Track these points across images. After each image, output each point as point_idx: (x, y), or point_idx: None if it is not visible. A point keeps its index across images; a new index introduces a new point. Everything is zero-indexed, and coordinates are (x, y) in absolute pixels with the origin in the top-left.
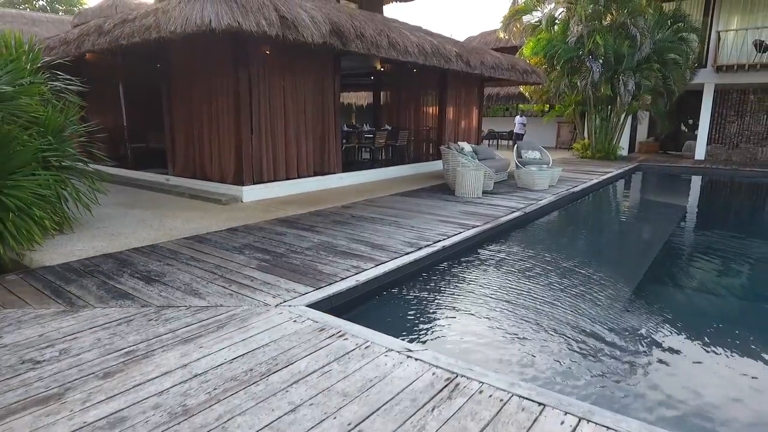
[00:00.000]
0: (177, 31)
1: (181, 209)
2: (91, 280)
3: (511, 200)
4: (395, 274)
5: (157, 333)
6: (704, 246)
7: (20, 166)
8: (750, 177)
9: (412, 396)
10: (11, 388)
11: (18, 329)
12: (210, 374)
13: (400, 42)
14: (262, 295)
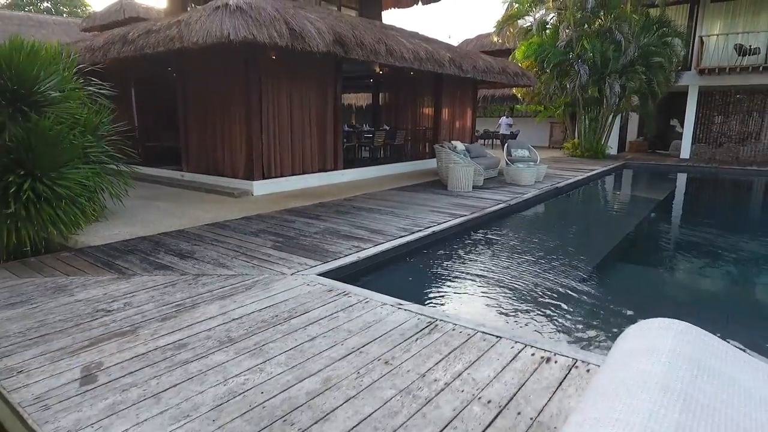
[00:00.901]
0: (199, 42)
1: (198, 201)
2: (134, 256)
3: (498, 194)
4: (391, 252)
5: (198, 292)
6: (662, 232)
7: (67, 161)
8: (728, 174)
9: (401, 332)
10: (94, 327)
11: (85, 290)
12: (245, 318)
13: (397, 49)
14: (279, 267)
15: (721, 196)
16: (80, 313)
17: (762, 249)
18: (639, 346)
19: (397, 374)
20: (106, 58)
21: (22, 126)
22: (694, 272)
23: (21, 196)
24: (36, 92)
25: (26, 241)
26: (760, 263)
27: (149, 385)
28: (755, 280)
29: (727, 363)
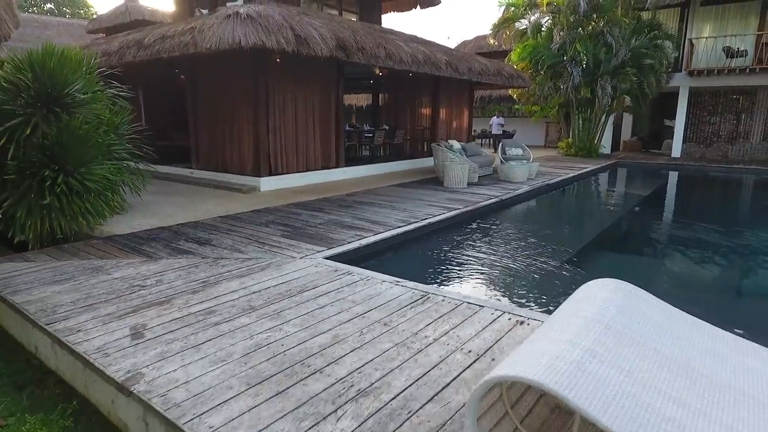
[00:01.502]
0: (212, 48)
1: (209, 196)
2: (157, 243)
3: (492, 190)
4: (390, 241)
5: (219, 272)
6: (641, 223)
7: (94, 158)
8: (713, 172)
9: (397, 302)
10: (133, 298)
11: (119, 269)
12: (263, 292)
13: (396, 53)
14: (289, 252)
15: (702, 191)
16: (119, 288)
17: (722, 238)
18: (582, 296)
19: (394, 332)
20: (122, 61)
21: (55, 125)
22: (659, 255)
23: (55, 189)
24: (66, 95)
25: (58, 230)
26: (716, 247)
27: (188, 340)
28: (706, 257)
29: (651, 308)
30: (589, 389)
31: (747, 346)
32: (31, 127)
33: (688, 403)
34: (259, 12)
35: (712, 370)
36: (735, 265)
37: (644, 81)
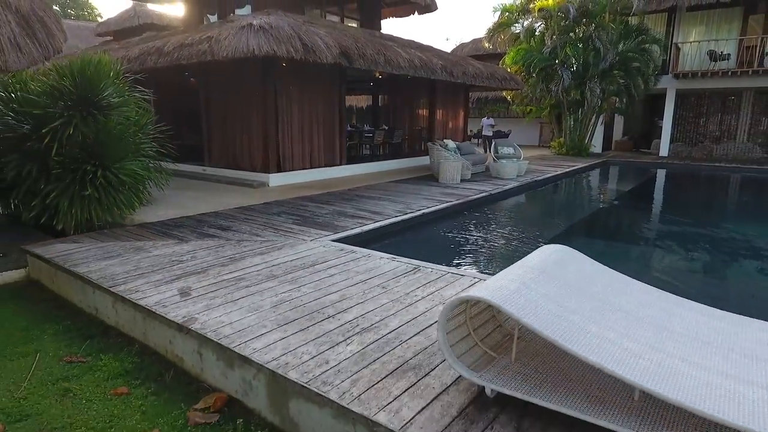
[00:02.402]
0: (228, 57)
1: (223, 191)
2: (184, 228)
3: (483, 185)
4: (388, 228)
5: (242, 251)
6: (617, 215)
7: (126, 155)
8: (696, 170)
9: (394, 272)
10: (174, 269)
11: (157, 249)
12: (281, 265)
13: (394, 59)
14: (300, 236)
15: (680, 187)
16: (161, 262)
17: (681, 224)
18: (534, 254)
19: (390, 293)
20: (143, 67)
21: (92, 126)
22: (626, 242)
23: (95, 182)
24: (101, 98)
25: (95, 219)
26: (674, 231)
27: (226, 297)
28: (662, 239)
29: (583, 263)
30: (518, 304)
31: (649, 289)
32: (72, 127)
33: (589, 316)
34: (270, 23)
35: (617, 301)
36: (681, 242)
37: (631, 83)
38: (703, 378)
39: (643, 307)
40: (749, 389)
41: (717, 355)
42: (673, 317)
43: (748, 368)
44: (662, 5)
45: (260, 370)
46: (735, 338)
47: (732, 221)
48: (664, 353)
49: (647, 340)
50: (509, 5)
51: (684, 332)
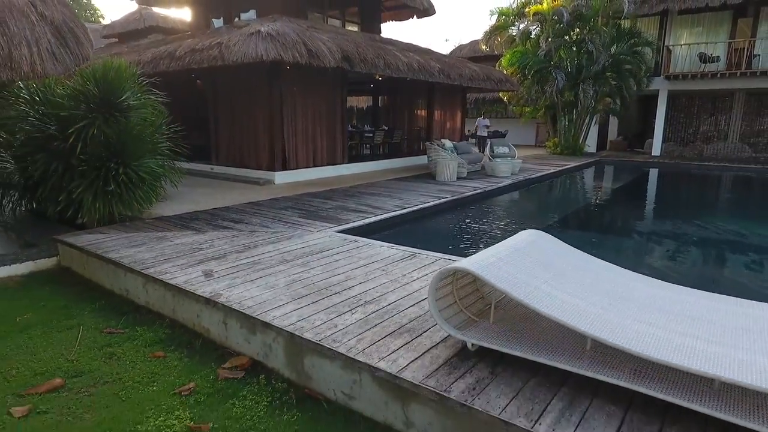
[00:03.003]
0: (237, 62)
1: (231, 188)
2: (200, 221)
3: (477, 183)
4: (388, 221)
5: (255, 240)
6: (603, 209)
7: (145, 153)
8: (685, 169)
9: (392, 258)
10: (196, 255)
11: (178, 238)
12: (291, 251)
13: (393, 62)
14: (307, 228)
15: (666, 185)
16: (183, 249)
17: (659, 217)
18: (512, 237)
19: (389, 274)
20: (155, 71)
21: (114, 127)
22: (603, 231)
23: (117, 179)
24: (122, 101)
25: (116, 213)
26: (651, 222)
27: (245, 277)
28: (639, 229)
29: (556, 245)
30: (494, 274)
31: (608, 266)
32: (96, 128)
33: (552, 284)
34: (277, 30)
35: (578, 274)
36: (648, 230)
37: (623, 85)
38: (640, 329)
39: (600, 279)
40: (674, 337)
41: (653, 313)
42: (622, 286)
43: (678, 324)
44: (654, 9)
45: (279, 333)
46: (671, 302)
47: (702, 213)
48: (611, 313)
49: (599, 303)
50: (505, 9)
51: (629, 297)
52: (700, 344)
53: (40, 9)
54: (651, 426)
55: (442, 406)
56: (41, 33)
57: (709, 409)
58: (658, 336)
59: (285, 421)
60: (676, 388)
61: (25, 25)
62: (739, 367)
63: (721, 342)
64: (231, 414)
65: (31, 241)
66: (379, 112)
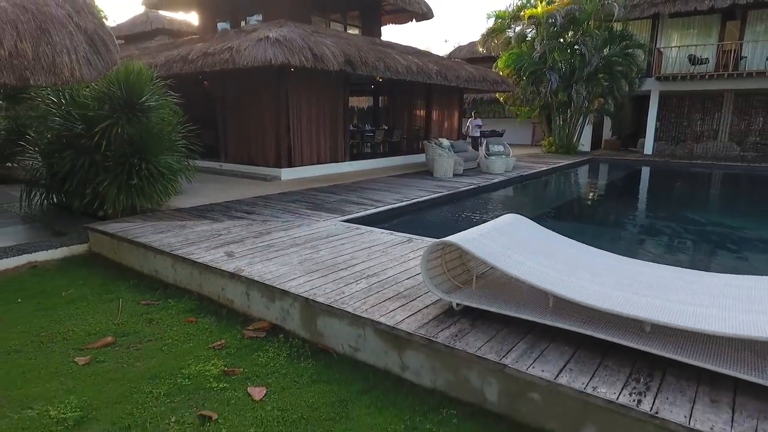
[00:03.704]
0: (247, 65)
1: (240, 184)
2: (215, 212)
3: (472, 179)
4: (387, 212)
5: (268, 228)
6: (589, 202)
7: (164, 151)
8: (673, 167)
9: (392, 242)
10: (217, 240)
11: (198, 226)
12: (301, 236)
13: (393, 65)
14: (314, 217)
15: (652, 182)
16: (204, 235)
17: (634, 210)
18: (494, 220)
19: (388, 255)
20: (169, 73)
21: (136, 126)
22: (582, 220)
23: (140, 173)
24: (142, 102)
25: (137, 205)
26: (627, 215)
27: (263, 257)
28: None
29: (532, 227)
30: (475, 246)
31: (575, 243)
32: (119, 127)
33: (524, 255)
34: (285, 36)
35: (549, 249)
36: (620, 219)
37: (615, 86)
38: (590, 287)
39: (564, 252)
40: (615, 292)
41: (602, 276)
42: (581, 258)
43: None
44: (645, 13)
45: (296, 299)
46: (617, 268)
47: (672, 204)
48: (568, 276)
49: (559, 269)
50: (502, 12)
51: (585, 265)
52: (635, 297)
53: (76, 19)
54: (594, 359)
55: (431, 349)
56: (78, 41)
57: (639, 345)
58: (602, 292)
59: (302, 367)
60: (615, 331)
61: (65, 35)
62: (661, 312)
63: (652, 295)
64: (257, 362)
65: (61, 230)
66: (380, 112)
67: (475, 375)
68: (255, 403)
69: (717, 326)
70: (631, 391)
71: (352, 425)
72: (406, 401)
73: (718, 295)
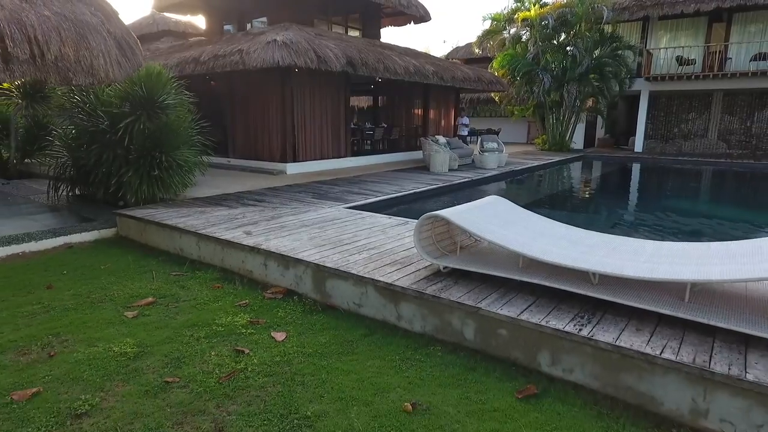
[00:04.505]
0: (257, 67)
1: (248, 177)
2: (229, 200)
3: (466, 173)
4: (386, 201)
5: (279, 213)
6: (573, 193)
7: (181, 145)
8: (659, 163)
9: (390, 224)
10: (235, 222)
11: (216, 212)
12: (309, 219)
13: (392, 66)
14: (319, 205)
15: (637, 176)
16: (223, 218)
17: (609, 200)
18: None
19: (386, 234)
20: (181, 74)
21: (155, 122)
22: (561, 207)
23: (161, 165)
24: (161, 100)
25: (157, 195)
26: (602, 204)
27: (278, 234)
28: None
29: (508, 205)
30: (459, 218)
31: (545, 219)
32: (141, 123)
33: (500, 225)
34: (291, 39)
35: (522, 222)
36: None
37: (605, 86)
38: (551, 249)
39: (534, 225)
40: (571, 253)
41: (562, 242)
42: (547, 229)
43: (576, 247)
44: (634, 15)
45: (308, 266)
46: (575, 237)
47: (643, 194)
48: (535, 241)
49: (529, 236)
50: (497, 14)
51: (549, 234)
52: (585, 256)
53: (107, 26)
54: (550, 304)
55: (421, 300)
56: (110, 46)
57: (587, 292)
58: (561, 253)
59: (314, 319)
60: (569, 283)
61: (100, 40)
62: (604, 266)
63: (599, 255)
64: (277, 315)
65: (89, 217)
66: (379, 111)
67: (456, 318)
68: (278, 342)
69: (645, 274)
70: (575, 324)
71: (358, 357)
72: (401, 342)
73: (653, 254)
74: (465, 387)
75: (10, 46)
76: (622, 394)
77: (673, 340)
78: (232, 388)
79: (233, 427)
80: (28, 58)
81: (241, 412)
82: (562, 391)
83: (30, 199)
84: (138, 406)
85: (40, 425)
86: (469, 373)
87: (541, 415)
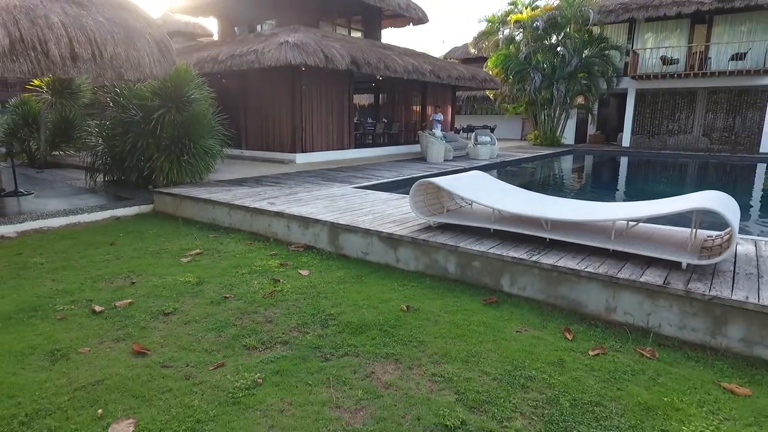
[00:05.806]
0: (271, 65)
1: (262, 165)
2: (250, 182)
3: (460, 163)
4: (386, 184)
5: (295, 191)
6: (557, 180)
7: (205, 134)
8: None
9: (390, 199)
10: (259, 195)
11: (240, 190)
12: (321, 195)
13: (392, 65)
14: (329, 185)
15: (609, 166)
16: (247, 193)
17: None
18: (463, 173)
19: (387, 205)
20: (201, 71)
21: (183, 114)
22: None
23: (190, 151)
24: (188, 95)
25: (186, 178)
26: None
27: (297, 204)
28: None
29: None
30: (446, 184)
31: (516, 187)
32: (170, 115)
33: (479, 190)
34: (301, 40)
35: (496, 188)
36: None
37: (592, 84)
38: (518, 205)
39: (507, 190)
40: (533, 207)
41: (528, 202)
42: (517, 192)
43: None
44: (620, 17)
45: (324, 224)
46: (539, 199)
47: (611, 178)
48: (506, 199)
49: (500, 196)
50: (492, 16)
51: (518, 196)
52: (542, 209)
53: (149, 30)
54: (513, 244)
55: (414, 244)
56: (152, 47)
57: (541, 234)
58: (522, 206)
59: (331, 263)
60: (530, 228)
61: (144, 43)
62: (555, 215)
63: (552, 209)
64: (301, 261)
65: (126, 196)
66: (380, 107)
67: (441, 256)
68: (304, 276)
69: (579, 218)
70: (528, 255)
71: (367, 284)
72: (399, 276)
73: (593, 208)
74: (446, 299)
75: (77, 47)
76: (560, 302)
77: (596, 263)
78: (273, 301)
79: (279, 319)
80: (90, 57)
81: (282, 312)
82: (516, 301)
83: (69, 184)
84: (208, 309)
85: (141, 319)
86: (450, 292)
87: (498, 312)
